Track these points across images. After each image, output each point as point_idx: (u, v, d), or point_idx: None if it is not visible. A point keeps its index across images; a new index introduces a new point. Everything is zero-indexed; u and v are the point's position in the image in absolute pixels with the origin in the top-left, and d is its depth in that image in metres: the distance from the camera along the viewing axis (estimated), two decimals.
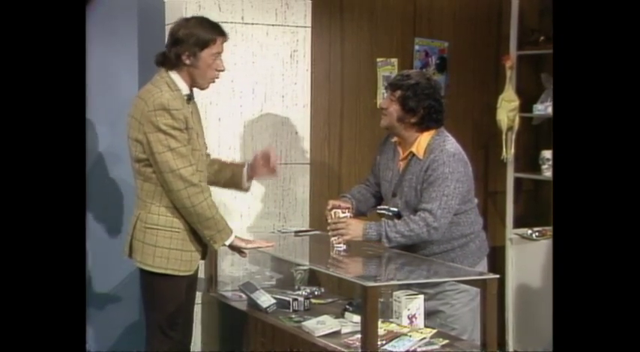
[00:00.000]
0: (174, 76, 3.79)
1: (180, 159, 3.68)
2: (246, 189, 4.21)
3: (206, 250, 3.96)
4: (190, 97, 3.83)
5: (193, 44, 3.74)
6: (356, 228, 3.94)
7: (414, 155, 4.00)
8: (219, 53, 3.82)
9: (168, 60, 3.78)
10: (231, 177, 4.14)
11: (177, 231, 3.78)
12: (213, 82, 3.88)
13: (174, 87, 3.76)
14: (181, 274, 3.81)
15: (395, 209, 4.03)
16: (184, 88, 3.80)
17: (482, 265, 4.08)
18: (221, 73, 3.86)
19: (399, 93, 3.97)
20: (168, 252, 3.77)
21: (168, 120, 3.67)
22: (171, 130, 3.67)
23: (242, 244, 3.90)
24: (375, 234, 3.91)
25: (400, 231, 3.87)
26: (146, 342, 3.91)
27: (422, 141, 3.99)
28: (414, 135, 4.00)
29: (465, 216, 4.01)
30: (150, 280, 3.82)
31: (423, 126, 3.98)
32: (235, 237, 3.86)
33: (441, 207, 3.85)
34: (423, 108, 3.95)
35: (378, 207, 4.18)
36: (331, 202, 4.13)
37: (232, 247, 3.89)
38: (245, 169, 4.13)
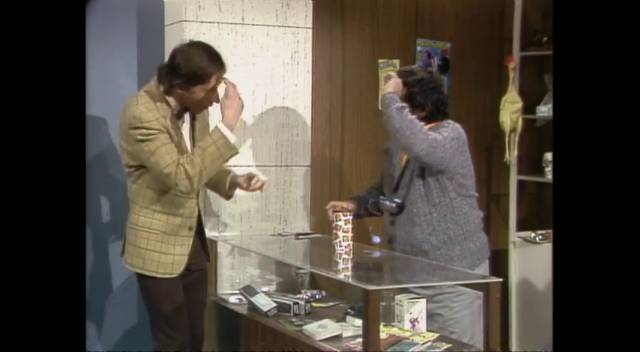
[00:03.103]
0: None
1: (162, 158, 3.68)
2: (228, 197, 4.20)
3: (204, 252, 4.02)
4: (180, 114, 3.82)
5: (187, 79, 3.69)
6: (390, 86, 3.95)
7: None
8: (215, 87, 3.77)
9: (164, 81, 3.75)
10: (216, 182, 4.09)
11: (154, 232, 3.81)
12: (206, 109, 3.89)
13: (158, 98, 3.74)
14: (159, 276, 3.82)
15: (398, 200, 4.05)
16: (174, 105, 3.79)
17: (484, 268, 4.06)
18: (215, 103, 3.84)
19: (405, 89, 4.02)
20: (145, 252, 3.81)
21: (142, 131, 3.67)
22: (145, 137, 3.67)
23: (230, 112, 3.75)
24: (391, 100, 3.89)
25: (410, 118, 3.85)
26: (155, 345, 3.93)
27: None
28: None
29: (460, 202, 4.01)
30: (138, 279, 3.90)
31: (430, 119, 4.04)
32: (225, 126, 3.72)
33: (439, 141, 3.85)
34: (431, 102, 4.03)
35: (381, 197, 4.18)
36: (332, 203, 4.21)
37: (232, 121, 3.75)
38: (230, 177, 4.11)
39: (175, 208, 3.83)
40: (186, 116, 3.89)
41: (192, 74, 3.68)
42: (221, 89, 3.81)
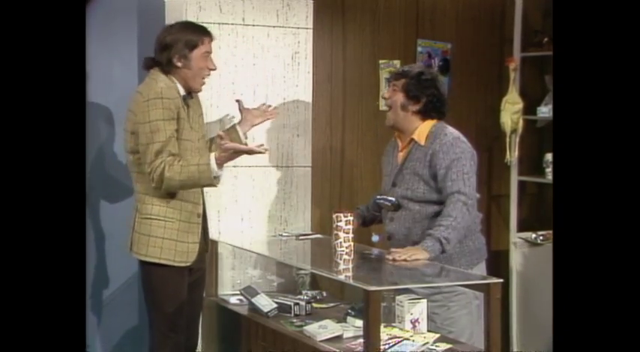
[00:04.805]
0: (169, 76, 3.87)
1: (152, 153, 3.72)
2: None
3: (204, 242, 4.00)
4: (186, 97, 3.90)
5: (182, 47, 3.84)
6: (418, 253, 3.79)
7: (415, 142, 4.04)
8: (209, 52, 3.91)
9: (159, 64, 3.87)
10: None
11: (170, 220, 3.83)
12: (204, 82, 3.95)
13: (172, 79, 3.85)
14: (176, 264, 3.84)
15: (392, 198, 4.05)
16: (180, 88, 3.87)
17: (481, 269, 4.05)
18: (212, 71, 3.95)
19: (402, 81, 4.04)
20: (161, 241, 3.81)
21: (158, 110, 3.73)
22: (158, 122, 3.72)
23: (225, 155, 3.72)
24: (436, 246, 3.79)
25: (449, 225, 3.80)
26: (149, 345, 3.90)
27: (422, 129, 4.04)
28: (415, 124, 4.04)
29: None
30: (147, 272, 3.87)
31: (425, 115, 4.04)
32: (215, 159, 3.70)
33: (467, 185, 3.88)
34: (427, 96, 4.03)
35: (377, 196, 4.18)
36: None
37: (223, 161, 3.74)
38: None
39: (187, 194, 3.85)
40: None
41: (186, 40, 3.84)
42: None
